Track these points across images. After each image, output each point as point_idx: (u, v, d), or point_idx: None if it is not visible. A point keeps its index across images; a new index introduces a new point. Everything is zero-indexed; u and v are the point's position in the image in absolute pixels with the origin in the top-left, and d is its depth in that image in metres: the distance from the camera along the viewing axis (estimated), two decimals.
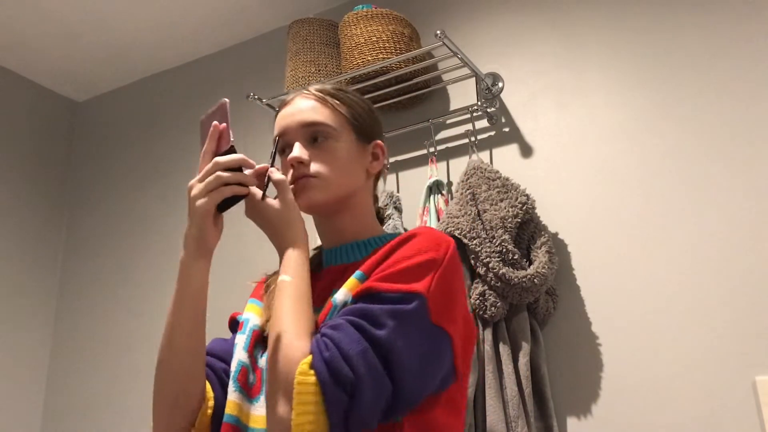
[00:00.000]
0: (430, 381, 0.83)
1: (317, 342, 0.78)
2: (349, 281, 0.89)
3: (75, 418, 2.45)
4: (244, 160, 0.89)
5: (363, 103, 1.06)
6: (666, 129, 1.67)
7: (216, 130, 0.91)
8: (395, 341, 0.78)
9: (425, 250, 0.86)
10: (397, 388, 0.78)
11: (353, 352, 0.76)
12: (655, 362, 1.53)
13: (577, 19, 1.88)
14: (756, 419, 1.40)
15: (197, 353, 0.92)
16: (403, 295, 0.81)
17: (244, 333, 0.98)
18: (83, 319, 2.57)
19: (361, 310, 0.81)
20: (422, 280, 0.83)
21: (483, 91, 1.92)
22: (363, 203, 1.03)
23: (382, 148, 1.06)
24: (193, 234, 0.90)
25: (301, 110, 1.00)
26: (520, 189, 1.68)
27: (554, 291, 1.67)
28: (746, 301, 1.48)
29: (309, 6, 2.38)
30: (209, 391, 0.95)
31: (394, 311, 0.80)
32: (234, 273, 2.25)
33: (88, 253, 2.67)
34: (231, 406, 0.91)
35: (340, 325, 0.79)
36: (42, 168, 2.76)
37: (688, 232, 1.58)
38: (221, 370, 0.98)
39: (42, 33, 2.49)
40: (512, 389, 1.51)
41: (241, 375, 0.93)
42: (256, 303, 1.04)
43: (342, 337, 0.77)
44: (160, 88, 2.74)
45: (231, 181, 0.88)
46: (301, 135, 0.99)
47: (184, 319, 0.91)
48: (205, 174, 0.88)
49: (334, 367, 0.75)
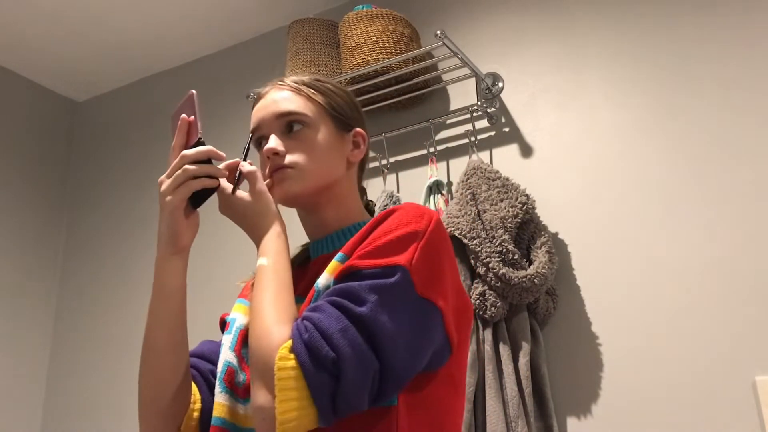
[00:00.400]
0: (419, 356, 0.79)
1: (297, 326, 0.75)
2: (330, 264, 0.85)
3: (75, 418, 2.45)
4: (213, 152, 0.87)
5: (341, 91, 1.02)
6: (666, 129, 1.67)
7: (184, 122, 0.89)
8: (378, 316, 0.74)
9: (406, 223, 0.82)
10: (385, 365, 0.74)
11: (332, 330, 0.72)
12: (655, 362, 1.53)
13: (577, 20, 1.88)
14: (756, 419, 1.40)
15: (178, 354, 0.90)
16: (384, 269, 0.77)
17: (231, 333, 0.95)
18: (83, 319, 2.57)
19: (342, 289, 0.77)
20: (403, 253, 0.79)
21: (483, 91, 1.92)
22: (345, 193, 0.99)
23: (363, 136, 1.02)
24: (164, 231, 0.88)
25: (276, 101, 0.97)
26: (520, 189, 1.68)
27: (554, 291, 1.67)
28: (746, 301, 1.48)
29: (309, 6, 2.38)
30: (196, 393, 0.94)
31: (374, 286, 0.76)
32: (227, 274, 2.25)
33: (88, 252, 2.67)
34: (218, 408, 0.88)
35: (320, 306, 0.76)
36: (42, 168, 2.76)
37: (688, 232, 1.58)
38: (208, 371, 0.96)
39: (42, 33, 2.49)
40: (512, 389, 1.51)
41: (227, 375, 0.90)
42: (243, 302, 1.01)
43: (321, 317, 0.74)
44: (160, 88, 2.74)
45: (199, 174, 0.86)
46: (276, 126, 0.96)
47: (162, 320, 0.89)
48: (173, 168, 0.86)
49: (313, 347, 0.71)
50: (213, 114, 2.47)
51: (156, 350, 0.89)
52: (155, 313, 0.89)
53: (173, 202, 0.86)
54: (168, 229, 0.87)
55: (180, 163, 0.86)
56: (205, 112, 0.92)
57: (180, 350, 0.90)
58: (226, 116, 2.44)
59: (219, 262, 2.31)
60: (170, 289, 0.89)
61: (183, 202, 0.87)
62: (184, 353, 0.91)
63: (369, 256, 0.79)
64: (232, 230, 2.34)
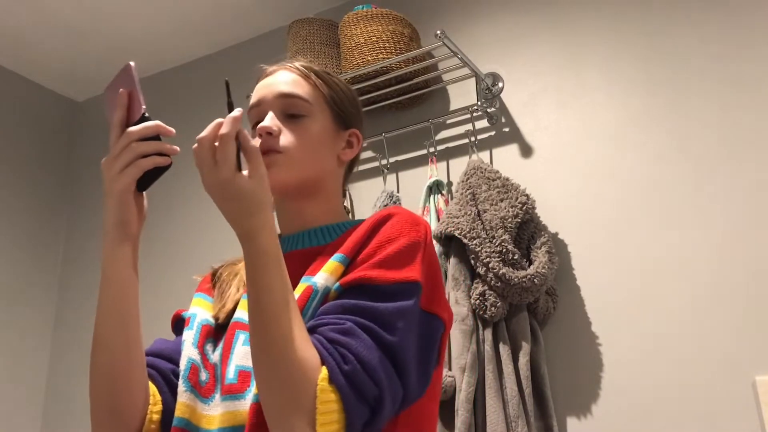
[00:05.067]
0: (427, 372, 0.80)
1: (329, 351, 0.71)
2: (328, 264, 0.81)
3: (74, 423, 2.44)
4: (161, 127, 0.78)
5: (347, 89, 1.00)
6: (666, 129, 1.67)
7: (124, 95, 0.80)
8: (404, 343, 0.75)
9: (407, 232, 0.81)
10: (405, 389, 0.75)
11: (373, 364, 0.71)
12: (655, 362, 1.53)
13: (577, 20, 1.88)
14: (756, 419, 1.40)
15: (130, 351, 0.82)
16: (402, 285, 0.77)
17: (192, 329, 0.90)
18: (83, 322, 2.57)
19: (366, 310, 0.74)
20: (414, 265, 0.79)
21: (483, 91, 1.92)
22: (331, 190, 0.96)
23: (358, 138, 0.99)
24: (112, 218, 0.80)
25: (281, 81, 0.94)
26: (520, 189, 1.68)
27: (554, 291, 1.67)
28: (746, 301, 1.48)
29: (309, 6, 2.38)
30: (155, 395, 0.86)
31: (400, 310, 0.75)
32: None
33: (88, 253, 2.67)
34: (181, 408, 0.83)
35: (350, 330, 0.72)
36: (42, 168, 2.76)
37: (688, 232, 1.58)
38: (169, 371, 0.89)
39: (42, 33, 2.49)
40: (512, 389, 1.51)
41: (191, 374, 0.85)
42: (203, 297, 0.97)
43: (359, 347, 0.71)
44: (159, 89, 2.74)
45: (149, 152, 0.77)
46: (277, 106, 0.92)
47: (113, 314, 0.82)
48: (118, 147, 0.77)
49: (357, 382, 0.70)
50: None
51: (107, 347, 0.82)
52: (104, 307, 0.82)
53: (122, 184, 0.78)
54: (116, 215, 0.80)
55: (125, 141, 0.77)
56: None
57: (131, 347, 0.83)
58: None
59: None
60: (120, 281, 0.82)
61: (132, 185, 0.79)
62: (138, 350, 0.84)
63: (380, 267, 0.77)
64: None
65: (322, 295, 0.80)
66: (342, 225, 0.94)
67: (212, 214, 2.33)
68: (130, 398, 0.83)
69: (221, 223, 2.29)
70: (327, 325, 0.74)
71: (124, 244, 0.82)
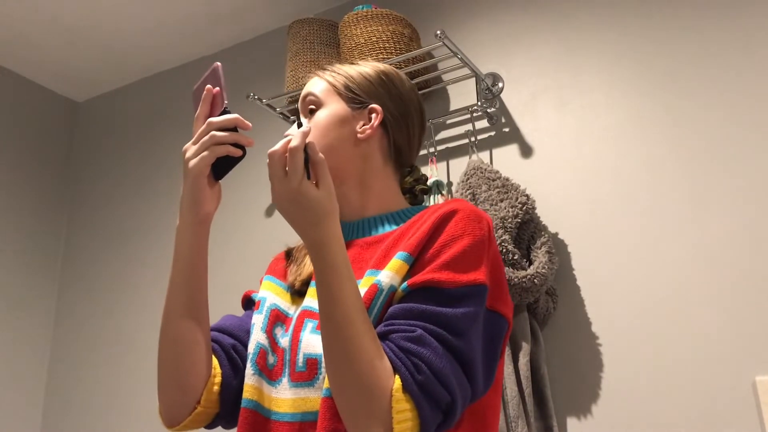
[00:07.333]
0: (493, 370, 0.83)
1: (402, 361, 0.73)
2: (392, 262, 0.83)
3: (74, 422, 2.45)
4: (239, 120, 0.85)
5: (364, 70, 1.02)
6: (666, 129, 1.67)
7: (209, 93, 0.88)
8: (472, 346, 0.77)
9: (471, 229, 0.83)
10: (474, 389, 0.78)
11: (445, 372, 0.73)
12: (655, 362, 1.53)
13: (577, 20, 1.88)
14: (756, 419, 1.40)
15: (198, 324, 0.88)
16: (469, 288, 0.78)
17: (261, 312, 0.94)
18: (83, 322, 2.57)
19: (435, 316, 0.76)
20: (479, 267, 0.80)
21: (483, 91, 1.92)
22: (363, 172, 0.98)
23: (377, 111, 0.98)
24: (187, 198, 0.86)
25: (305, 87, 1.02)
26: (520, 189, 1.68)
27: (554, 291, 1.67)
28: (746, 301, 1.48)
29: (309, 6, 2.38)
30: (216, 366, 0.92)
31: (468, 315, 0.77)
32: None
33: (88, 254, 2.67)
34: (249, 390, 0.88)
35: (421, 337, 0.74)
36: (42, 168, 2.76)
37: (688, 232, 1.58)
38: (230, 346, 0.95)
39: (42, 33, 2.49)
40: (512, 389, 1.51)
41: (259, 357, 0.90)
42: (272, 280, 1.00)
43: (431, 356, 0.73)
44: (160, 88, 2.74)
45: (225, 141, 0.84)
46: (302, 110, 1.01)
47: (181, 288, 0.87)
48: (199, 135, 0.85)
49: (431, 391, 0.73)
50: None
51: (175, 320, 0.87)
52: (174, 283, 0.87)
53: (197, 167, 0.84)
54: (190, 195, 0.85)
55: (206, 130, 0.85)
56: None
57: (199, 320, 0.88)
58: None
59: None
60: (189, 258, 0.87)
61: (207, 168, 0.85)
62: (204, 323, 0.89)
63: (447, 269, 0.79)
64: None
65: (387, 293, 0.81)
66: (402, 213, 0.97)
67: None
68: (193, 369, 0.88)
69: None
70: (398, 332, 0.76)
71: (195, 224, 0.87)
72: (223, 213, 2.35)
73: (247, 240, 2.27)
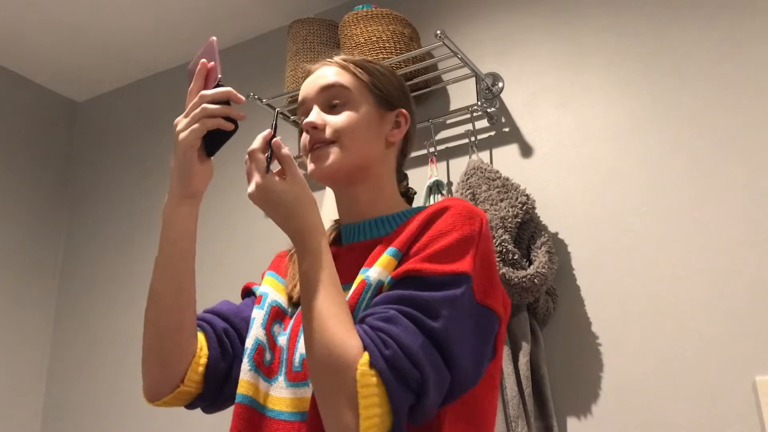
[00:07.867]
0: (481, 365, 0.81)
1: (371, 337, 0.72)
2: (382, 258, 0.83)
3: (74, 421, 2.45)
4: (232, 93, 0.84)
5: (389, 73, 1.01)
6: (666, 128, 1.67)
7: (203, 67, 0.87)
8: (450, 331, 0.74)
9: (461, 225, 0.81)
10: (454, 377, 0.75)
11: (414, 348, 0.71)
12: (655, 362, 1.53)
13: (576, 19, 1.88)
14: (756, 419, 1.40)
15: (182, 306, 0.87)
16: (450, 277, 0.77)
17: (262, 308, 0.93)
18: (83, 321, 2.57)
19: (411, 298, 0.75)
20: (465, 259, 0.79)
21: (483, 91, 1.92)
22: (382, 174, 0.97)
23: (406, 117, 0.99)
24: (176, 173, 0.84)
25: (322, 76, 0.96)
26: (520, 189, 1.68)
27: (554, 291, 1.67)
28: (746, 301, 1.48)
29: (309, 6, 2.38)
30: (204, 346, 0.91)
31: (445, 298, 0.75)
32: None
33: (88, 253, 2.67)
34: (244, 386, 0.87)
35: (393, 317, 0.73)
36: (42, 168, 2.76)
37: (688, 232, 1.58)
38: (221, 329, 0.94)
39: (42, 33, 2.49)
40: (512, 389, 1.51)
41: (257, 354, 0.88)
42: (274, 277, 0.99)
43: (400, 333, 0.72)
44: (160, 88, 2.74)
45: (217, 114, 0.83)
46: (320, 100, 0.95)
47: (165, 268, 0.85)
48: (191, 108, 0.84)
49: (398, 366, 0.70)
50: None
51: (160, 297, 0.86)
52: (159, 260, 0.86)
53: (188, 140, 0.82)
54: (180, 169, 0.84)
55: (198, 102, 0.83)
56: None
57: (185, 298, 0.87)
58: None
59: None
60: (177, 234, 0.85)
61: (198, 141, 0.83)
62: (190, 302, 0.88)
63: (431, 260, 0.78)
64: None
65: (375, 288, 0.81)
66: (401, 214, 0.95)
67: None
68: (178, 351, 0.87)
69: None
70: (372, 315, 0.76)
71: (184, 200, 0.85)
72: (223, 211, 2.35)
73: (247, 240, 2.27)
